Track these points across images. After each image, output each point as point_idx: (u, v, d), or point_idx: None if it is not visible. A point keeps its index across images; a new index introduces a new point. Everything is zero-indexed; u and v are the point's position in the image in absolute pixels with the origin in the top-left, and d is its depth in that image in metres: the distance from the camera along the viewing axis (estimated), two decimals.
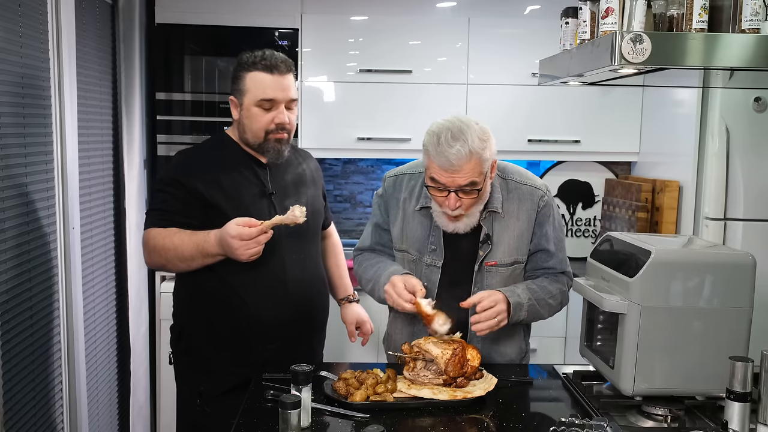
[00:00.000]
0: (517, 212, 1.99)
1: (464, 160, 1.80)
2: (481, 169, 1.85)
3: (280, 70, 2.00)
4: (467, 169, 1.82)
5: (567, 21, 1.93)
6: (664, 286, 1.66)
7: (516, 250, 1.99)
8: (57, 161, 2.41)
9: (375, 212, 2.16)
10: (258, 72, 1.99)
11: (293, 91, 2.04)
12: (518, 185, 2.01)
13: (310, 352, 2.20)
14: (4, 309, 2.05)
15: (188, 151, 2.16)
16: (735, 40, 1.56)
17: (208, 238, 1.92)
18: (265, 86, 1.99)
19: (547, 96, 3.37)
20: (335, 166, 3.86)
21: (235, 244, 1.85)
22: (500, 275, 1.99)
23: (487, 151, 1.85)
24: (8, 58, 2.08)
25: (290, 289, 2.06)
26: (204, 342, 2.09)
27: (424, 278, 1.99)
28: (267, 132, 2.01)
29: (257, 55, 2.01)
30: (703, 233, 2.92)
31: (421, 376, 1.82)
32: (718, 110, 2.85)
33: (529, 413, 1.73)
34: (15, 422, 2.09)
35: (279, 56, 2.02)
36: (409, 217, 2.04)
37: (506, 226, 1.99)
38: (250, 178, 2.05)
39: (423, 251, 2.01)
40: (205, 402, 2.06)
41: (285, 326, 2.06)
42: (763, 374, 1.52)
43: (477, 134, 1.82)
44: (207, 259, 1.95)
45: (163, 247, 1.96)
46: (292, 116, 2.05)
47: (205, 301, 2.08)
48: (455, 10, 3.41)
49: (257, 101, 1.99)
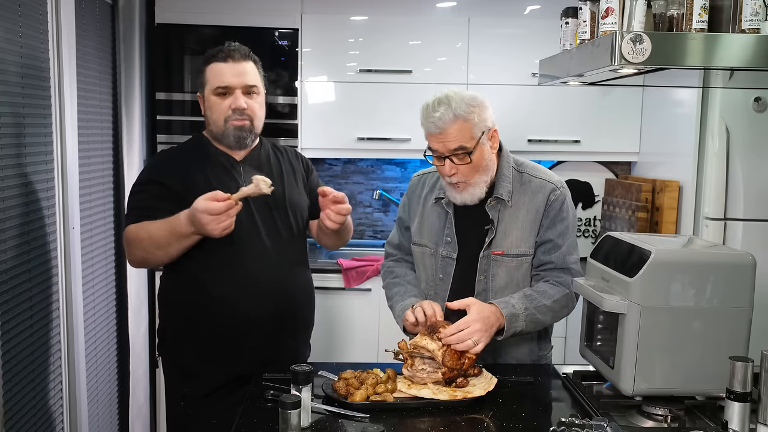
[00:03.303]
0: (528, 204, 1.99)
1: (448, 123, 1.87)
2: (471, 133, 1.89)
3: (234, 57, 2.03)
4: (454, 133, 1.88)
5: (567, 21, 1.93)
6: (664, 286, 1.66)
7: (524, 241, 1.99)
8: (57, 161, 2.41)
9: (399, 211, 2.22)
10: (215, 63, 2.04)
11: (250, 77, 2.05)
12: (531, 178, 2.02)
13: (295, 351, 2.16)
14: (4, 309, 2.05)
15: (164, 152, 2.20)
16: (735, 40, 1.56)
17: (179, 219, 1.91)
18: (220, 74, 2.02)
19: (547, 96, 3.37)
20: (335, 166, 3.86)
21: (205, 219, 1.83)
22: (506, 266, 1.99)
23: (475, 116, 1.89)
24: (8, 58, 2.08)
25: (266, 284, 2.04)
26: (184, 343, 2.08)
27: (440, 270, 2.03)
28: (226, 119, 2.03)
29: (217, 48, 2.06)
30: (703, 233, 2.92)
31: (420, 371, 1.82)
32: (718, 110, 2.84)
33: (529, 413, 1.73)
34: (15, 422, 2.09)
35: (236, 45, 2.06)
36: (428, 211, 2.08)
37: (515, 217, 1.99)
38: (223, 174, 2.06)
39: (439, 243, 2.04)
40: (188, 405, 2.06)
41: (264, 323, 2.04)
42: (763, 374, 1.52)
43: (464, 100, 1.89)
44: (182, 241, 1.93)
45: (138, 237, 1.96)
46: (252, 103, 2.05)
47: (182, 301, 2.07)
48: (455, 10, 3.41)
49: (214, 89, 2.03)
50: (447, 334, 1.82)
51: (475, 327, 1.83)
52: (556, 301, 1.96)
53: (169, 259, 1.99)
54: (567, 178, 3.72)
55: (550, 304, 1.95)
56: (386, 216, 3.92)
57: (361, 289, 3.21)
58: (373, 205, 3.90)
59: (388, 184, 3.89)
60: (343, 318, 3.24)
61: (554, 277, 1.99)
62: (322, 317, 3.06)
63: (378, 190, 3.84)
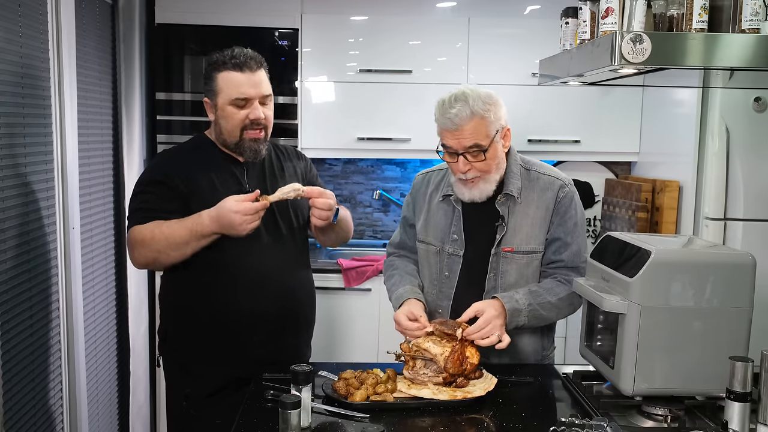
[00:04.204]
0: (537, 201, 2.00)
1: (465, 120, 1.87)
2: (486, 131, 1.89)
3: (251, 66, 2.00)
4: (470, 130, 1.88)
5: (567, 21, 1.93)
6: (664, 286, 1.66)
7: (534, 238, 1.99)
8: (57, 161, 2.41)
9: (404, 210, 2.21)
10: (229, 71, 1.99)
11: (265, 86, 2.04)
12: (539, 175, 2.03)
13: (296, 351, 2.16)
14: (4, 309, 2.05)
15: (165, 152, 2.18)
16: (735, 40, 1.56)
17: (200, 219, 1.91)
18: (238, 84, 1.99)
19: (547, 96, 3.37)
20: (335, 166, 3.86)
21: (238, 219, 1.86)
22: (516, 263, 1.99)
23: (492, 114, 1.90)
24: (8, 58, 2.08)
25: (268, 283, 2.04)
26: (186, 343, 2.08)
27: (446, 268, 2.03)
28: (242, 129, 2.02)
29: (226, 54, 2.01)
30: (703, 233, 2.92)
31: (421, 374, 1.82)
32: (718, 110, 2.84)
33: (529, 413, 1.73)
34: (15, 422, 2.09)
35: (248, 53, 2.02)
36: (433, 208, 2.08)
37: (525, 214, 1.99)
38: (227, 177, 2.06)
39: (445, 241, 2.04)
40: (191, 405, 2.06)
41: (266, 322, 2.04)
42: (763, 374, 1.52)
43: (481, 97, 1.89)
44: (201, 241, 1.93)
45: (153, 238, 1.94)
46: (267, 112, 2.05)
47: (184, 300, 2.07)
48: (455, 10, 3.41)
49: (231, 100, 2.00)
50: (471, 331, 1.83)
51: (497, 323, 1.85)
52: (562, 299, 1.97)
53: (182, 259, 1.98)
54: None
55: (555, 301, 1.95)
56: (386, 216, 3.92)
57: (361, 289, 3.21)
58: (373, 205, 3.90)
59: (388, 184, 3.89)
60: (343, 318, 3.24)
61: (563, 275, 2.00)
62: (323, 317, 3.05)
63: (378, 190, 3.84)
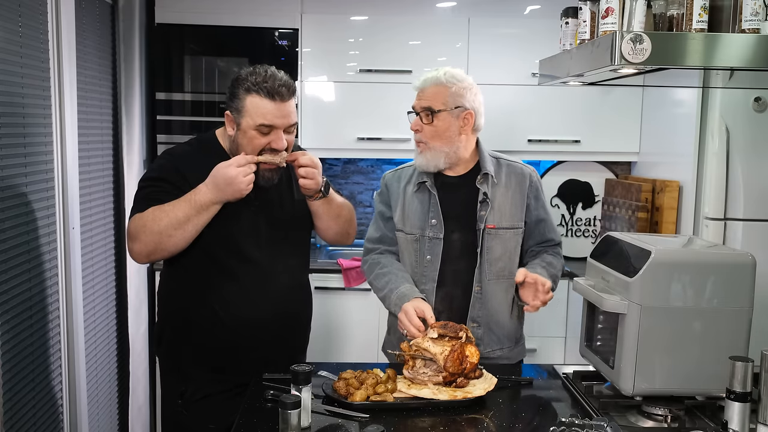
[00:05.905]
0: (511, 183, 2.13)
1: (429, 83, 2.05)
2: (444, 99, 2.03)
3: (282, 96, 1.90)
4: (430, 93, 2.04)
5: (567, 21, 1.93)
6: (664, 286, 1.66)
7: (512, 216, 2.11)
8: (57, 161, 2.41)
9: (377, 206, 2.28)
10: (259, 96, 1.89)
11: (294, 116, 1.95)
12: (509, 163, 2.18)
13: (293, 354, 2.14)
14: (4, 309, 2.05)
15: (173, 152, 2.10)
16: (735, 40, 1.56)
17: (197, 190, 1.89)
18: (266, 112, 1.89)
19: (547, 96, 3.37)
20: (335, 166, 3.86)
21: (233, 171, 1.85)
22: (500, 238, 2.10)
23: (455, 88, 2.03)
24: (8, 58, 2.08)
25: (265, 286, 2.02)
26: (182, 346, 2.06)
27: (428, 252, 2.09)
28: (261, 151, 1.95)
29: (259, 75, 1.90)
30: (703, 233, 2.92)
31: (421, 374, 1.82)
32: (718, 110, 2.84)
33: (529, 413, 1.73)
34: (15, 422, 2.09)
35: (282, 79, 1.92)
36: (409, 198, 2.16)
37: (501, 194, 2.11)
38: None
39: (424, 227, 2.11)
40: (185, 403, 2.04)
41: (262, 325, 2.02)
42: (763, 374, 1.52)
43: (453, 74, 2.05)
44: (202, 214, 1.89)
45: (154, 219, 1.89)
46: (291, 138, 1.98)
47: (181, 303, 2.06)
48: (455, 10, 3.41)
49: (256, 126, 1.91)
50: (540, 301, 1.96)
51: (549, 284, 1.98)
52: (559, 270, 2.16)
53: (185, 242, 1.92)
54: (567, 178, 3.73)
55: (556, 272, 2.13)
56: None
57: (361, 289, 3.21)
58: (373, 205, 3.89)
59: None
60: (343, 318, 3.24)
61: (553, 250, 2.19)
62: (322, 317, 3.06)
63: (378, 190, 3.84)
